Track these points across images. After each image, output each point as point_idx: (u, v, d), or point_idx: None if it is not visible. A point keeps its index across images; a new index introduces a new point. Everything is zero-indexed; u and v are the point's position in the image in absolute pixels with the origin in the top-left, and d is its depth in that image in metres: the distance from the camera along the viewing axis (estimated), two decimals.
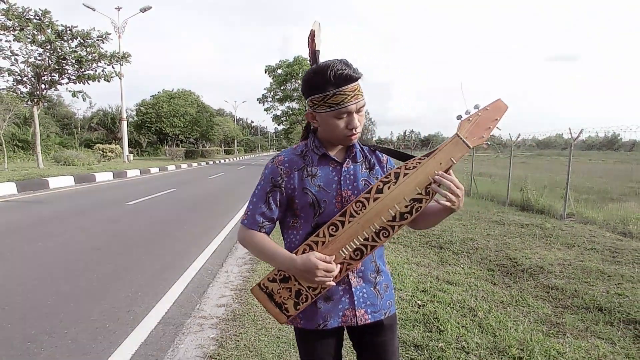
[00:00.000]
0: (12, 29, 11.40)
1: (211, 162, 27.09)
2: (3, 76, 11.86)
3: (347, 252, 0.91)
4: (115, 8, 18.34)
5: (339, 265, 0.91)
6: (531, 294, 3.17)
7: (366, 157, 1.02)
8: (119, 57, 13.08)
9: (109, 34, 12.86)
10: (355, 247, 0.91)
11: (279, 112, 26.24)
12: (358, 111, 0.91)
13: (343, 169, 0.98)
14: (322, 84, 0.88)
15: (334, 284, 0.92)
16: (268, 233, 1.00)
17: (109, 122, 36.62)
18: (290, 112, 25.58)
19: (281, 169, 0.97)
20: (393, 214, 0.90)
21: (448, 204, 0.87)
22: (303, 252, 0.92)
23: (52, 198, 7.70)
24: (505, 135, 9.42)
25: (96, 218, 5.69)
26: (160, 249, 4.08)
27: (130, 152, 22.76)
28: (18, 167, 12.78)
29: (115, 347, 2.01)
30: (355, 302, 0.97)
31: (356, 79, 0.89)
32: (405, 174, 0.91)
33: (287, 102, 25.17)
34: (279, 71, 23.34)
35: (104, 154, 18.71)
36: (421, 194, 0.90)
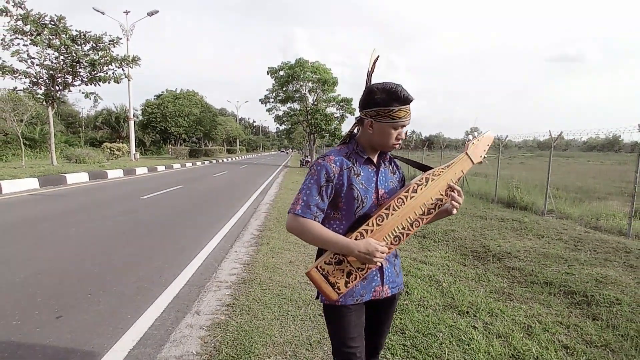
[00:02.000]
0: (29, 33, 12.06)
1: (214, 161, 27.75)
2: (20, 78, 12.51)
3: (389, 239, 1.12)
4: (124, 12, 19.01)
5: None
6: (493, 273, 3.74)
7: (390, 164, 1.26)
8: (129, 61, 13.74)
9: (120, 39, 13.52)
10: (395, 234, 1.12)
11: (280, 113, 26.84)
12: (406, 126, 1.14)
13: (380, 171, 1.20)
14: (390, 100, 1.09)
15: (382, 264, 1.14)
16: (319, 223, 1.11)
17: (113, 121, 37.21)
18: (292, 113, 26.19)
19: (333, 167, 1.12)
20: (423, 210, 1.15)
21: (455, 210, 1.18)
22: (356, 238, 1.09)
23: (72, 192, 8.35)
24: (499, 136, 9.95)
25: (116, 209, 6.32)
26: (177, 234, 4.69)
27: (136, 150, 23.41)
28: (34, 165, 13.48)
29: (154, 299, 2.63)
30: (385, 280, 1.20)
31: (411, 101, 1.13)
32: (432, 179, 1.17)
33: (288, 103, 25.78)
34: (281, 73, 23.92)
35: (112, 152, 19.40)
36: (442, 195, 1.17)
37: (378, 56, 1.17)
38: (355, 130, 1.21)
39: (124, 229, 4.86)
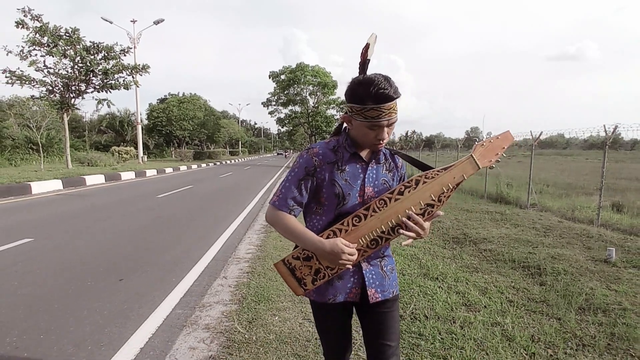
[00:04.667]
0: (46, 45, 12.85)
1: (218, 163, 28.52)
2: (37, 87, 13.31)
3: (365, 241, 1.05)
4: (131, 21, 19.82)
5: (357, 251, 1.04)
6: (467, 253, 4.41)
7: (387, 160, 1.16)
8: (139, 69, 14.52)
9: (130, 48, 14.31)
10: (372, 237, 1.05)
11: (282, 115, 27.64)
12: (389, 125, 1.02)
13: (368, 168, 1.10)
14: (363, 96, 0.97)
15: (351, 267, 1.06)
16: (296, 216, 1.09)
17: (117, 125, 38.02)
18: (293, 116, 26.99)
19: (315, 160, 1.07)
20: (408, 215, 1.05)
21: (408, 241, 1.07)
22: (327, 237, 1.04)
23: (93, 192, 9.11)
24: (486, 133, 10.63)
25: (137, 206, 7.04)
26: (196, 225, 5.40)
27: (143, 153, 24.18)
28: (52, 168, 14.26)
29: (189, 269, 3.35)
30: (366, 282, 1.11)
31: (393, 99, 0.98)
32: (424, 182, 1.07)
33: (290, 106, 26.58)
34: (282, 77, 24.77)
35: (120, 155, 20.19)
36: (434, 200, 1.06)
37: (368, 43, 1.03)
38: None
39: (147, 222, 5.58)
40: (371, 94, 0.96)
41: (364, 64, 1.04)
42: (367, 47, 1.03)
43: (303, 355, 1.96)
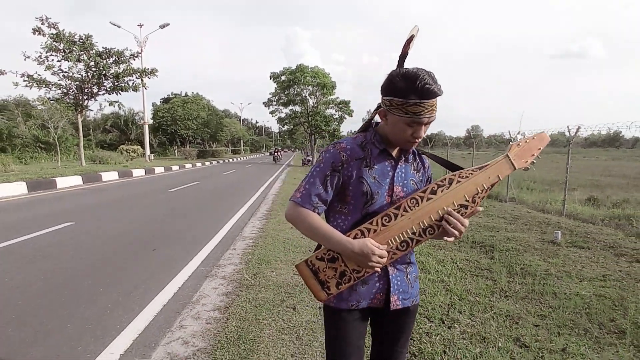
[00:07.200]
0: (62, 51, 13.72)
1: (221, 161, 29.43)
2: (54, 90, 14.21)
3: (395, 243, 1.01)
4: (138, 25, 20.69)
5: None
6: None
7: (415, 160, 1.13)
8: (147, 72, 15.39)
9: (140, 53, 15.17)
10: (402, 239, 1.01)
11: (283, 115, 28.41)
12: (427, 123, 0.99)
13: (398, 166, 1.07)
14: (407, 91, 0.93)
15: (379, 270, 1.02)
16: (319, 214, 1.04)
17: (122, 124, 38.95)
18: (294, 115, 27.77)
19: (343, 155, 1.02)
20: (441, 215, 1.01)
21: (451, 239, 1.02)
22: (355, 237, 1.00)
23: (110, 187, 9.99)
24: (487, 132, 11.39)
25: (152, 199, 7.89)
26: (207, 214, 6.23)
27: (150, 152, 25.08)
28: (68, 165, 15.17)
29: (205, 244, 4.20)
30: (391, 289, 1.07)
31: (437, 96, 0.95)
32: (457, 182, 1.03)
33: (290, 106, 27.36)
34: (283, 78, 25.54)
35: (128, 153, 21.10)
36: (468, 201, 1.03)
37: (412, 35, 1.01)
38: (376, 117, 1.10)
39: (164, 211, 6.43)
40: (416, 88, 0.93)
41: (404, 57, 1.01)
42: (411, 39, 1.01)
43: (292, 293, 2.79)
